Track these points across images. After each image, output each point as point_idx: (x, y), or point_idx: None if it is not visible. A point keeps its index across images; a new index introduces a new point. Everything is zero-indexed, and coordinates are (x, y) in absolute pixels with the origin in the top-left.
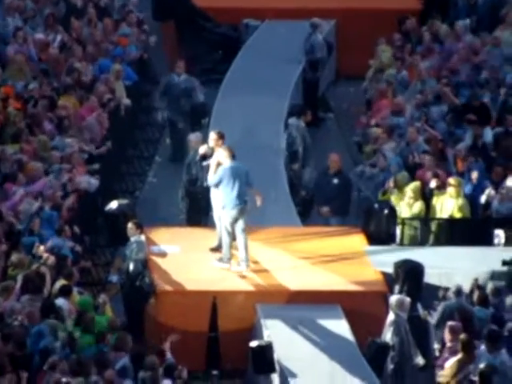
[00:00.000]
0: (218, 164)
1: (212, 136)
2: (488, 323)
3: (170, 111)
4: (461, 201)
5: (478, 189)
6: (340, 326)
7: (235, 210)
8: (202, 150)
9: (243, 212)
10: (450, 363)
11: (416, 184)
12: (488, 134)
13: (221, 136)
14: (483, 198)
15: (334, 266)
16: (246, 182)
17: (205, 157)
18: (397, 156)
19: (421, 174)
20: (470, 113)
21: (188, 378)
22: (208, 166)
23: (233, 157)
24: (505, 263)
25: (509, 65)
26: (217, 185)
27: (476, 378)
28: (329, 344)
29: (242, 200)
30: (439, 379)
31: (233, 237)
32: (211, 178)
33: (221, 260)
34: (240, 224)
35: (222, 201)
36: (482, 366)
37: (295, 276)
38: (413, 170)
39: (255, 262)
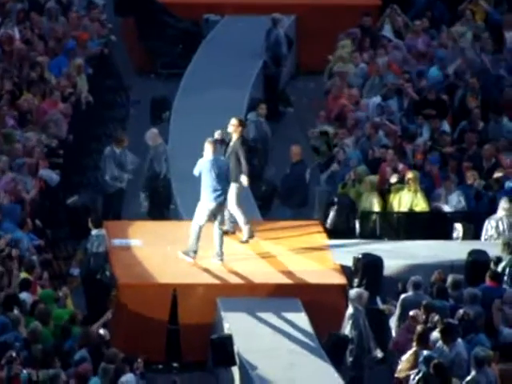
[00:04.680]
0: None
1: (233, 121)
2: (446, 316)
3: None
4: (418, 194)
5: (435, 182)
6: (299, 319)
7: (213, 204)
8: (218, 134)
9: (221, 208)
10: (406, 356)
11: (374, 176)
12: (445, 128)
13: (241, 124)
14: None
15: (294, 260)
16: (226, 179)
17: (222, 141)
18: (356, 150)
19: (383, 168)
20: (426, 107)
21: (148, 370)
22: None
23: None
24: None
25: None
26: (198, 176)
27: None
28: (288, 337)
29: (221, 195)
30: (397, 374)
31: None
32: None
33: (186, 253)
34: (218, 219)
35: (201, 192)
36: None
37: (255, 269)
38: (372, 165)
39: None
